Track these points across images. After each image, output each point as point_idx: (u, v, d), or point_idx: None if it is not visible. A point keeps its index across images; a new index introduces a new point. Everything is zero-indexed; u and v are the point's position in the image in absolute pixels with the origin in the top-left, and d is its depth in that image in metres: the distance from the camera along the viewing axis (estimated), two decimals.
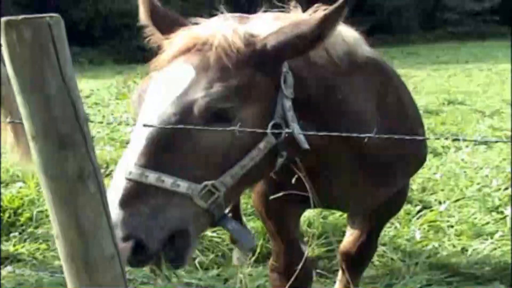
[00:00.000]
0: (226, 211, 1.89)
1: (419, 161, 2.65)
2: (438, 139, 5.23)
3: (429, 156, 7.22)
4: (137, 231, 1.60)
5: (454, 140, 7.66)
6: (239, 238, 1.86)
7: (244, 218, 4.37)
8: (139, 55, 28.17)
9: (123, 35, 30.68)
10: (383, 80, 2.34)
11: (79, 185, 1.29)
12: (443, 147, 7.46)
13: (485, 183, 5.70)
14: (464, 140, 1.54)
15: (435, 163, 6.72)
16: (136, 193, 1.62)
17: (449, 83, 16.25)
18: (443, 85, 15.41)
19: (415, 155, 2.54)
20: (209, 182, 1.70)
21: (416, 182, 5.58)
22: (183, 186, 1.65)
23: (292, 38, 1.79)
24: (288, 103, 1.84)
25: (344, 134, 1.71)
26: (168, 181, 1.63)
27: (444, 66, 21.32)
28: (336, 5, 1.77)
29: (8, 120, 2.01)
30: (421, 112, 10.01)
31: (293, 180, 2.13)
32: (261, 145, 1.79)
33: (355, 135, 1.67)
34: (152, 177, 1.62)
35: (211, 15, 2.17)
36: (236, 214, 4.14)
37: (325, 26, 1.78)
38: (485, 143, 7.37)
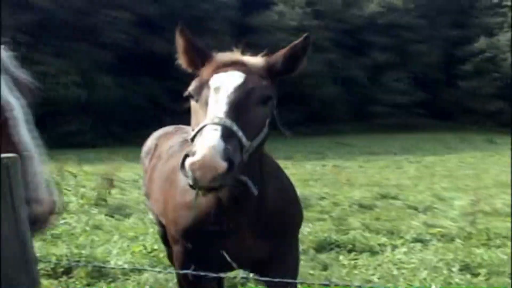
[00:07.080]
0: None
1: (299, 217, 3.41)
2: None
3: (365, 255, 7.07)
4: (230, 157, 2.35)
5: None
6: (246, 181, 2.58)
7: None
8: (64, 141, 27.86)
9: (46, 123, 30.18)
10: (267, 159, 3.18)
11: None
12: (379, 245, 7.31)
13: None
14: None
15: (372, 263, 6.52)
16: (225, 133, 2.42)
17: (380, 175, 16.59)
18: (375, 177, 15.70)
19: (294, 211, 3.35)
20: (250, 142, 2.56)
21: (354, 285, 5.30)
22: (243, 138, 2.50)
23: (281, 58, 2.79)
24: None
25: None
26: (237, 129, 2.48)
27: (374, 158, 21.92)
28: (301, 38, 2.75)
29: None
30: (355, 207, 9.98)
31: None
32: (267, 122, 2.71)
33: None
34: (229, 123, 2.47)
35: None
36: None
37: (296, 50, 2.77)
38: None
